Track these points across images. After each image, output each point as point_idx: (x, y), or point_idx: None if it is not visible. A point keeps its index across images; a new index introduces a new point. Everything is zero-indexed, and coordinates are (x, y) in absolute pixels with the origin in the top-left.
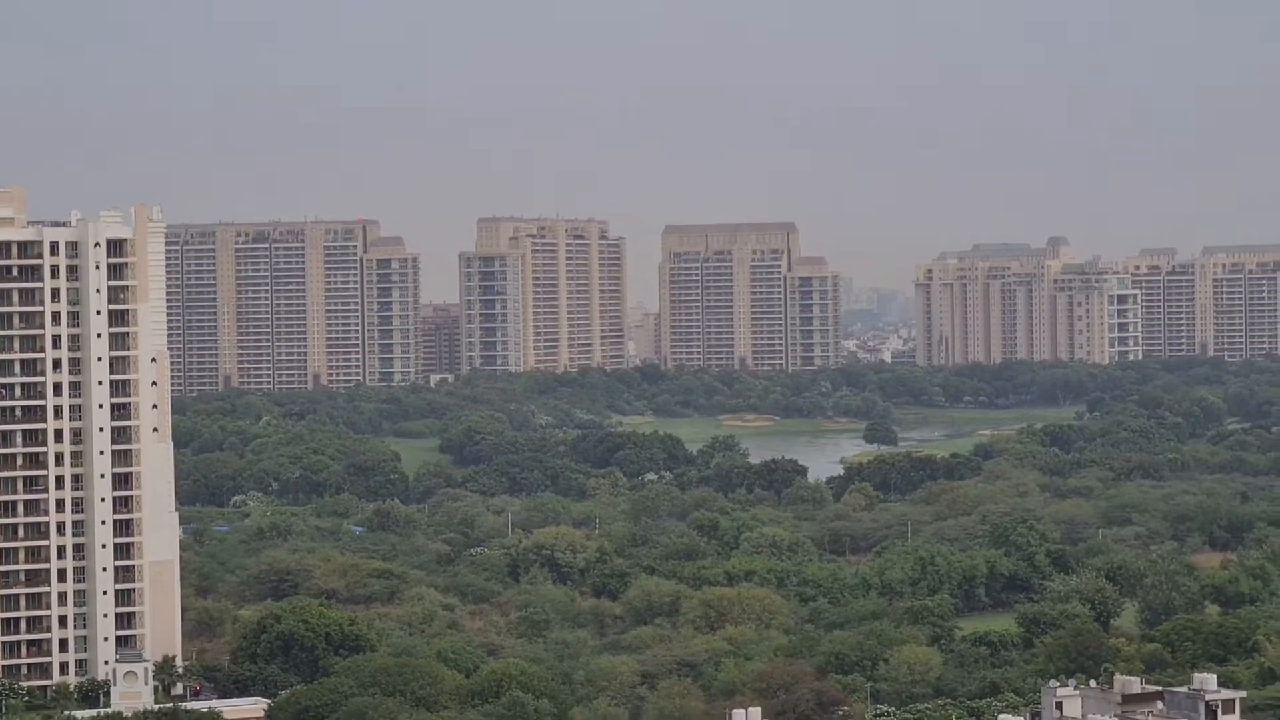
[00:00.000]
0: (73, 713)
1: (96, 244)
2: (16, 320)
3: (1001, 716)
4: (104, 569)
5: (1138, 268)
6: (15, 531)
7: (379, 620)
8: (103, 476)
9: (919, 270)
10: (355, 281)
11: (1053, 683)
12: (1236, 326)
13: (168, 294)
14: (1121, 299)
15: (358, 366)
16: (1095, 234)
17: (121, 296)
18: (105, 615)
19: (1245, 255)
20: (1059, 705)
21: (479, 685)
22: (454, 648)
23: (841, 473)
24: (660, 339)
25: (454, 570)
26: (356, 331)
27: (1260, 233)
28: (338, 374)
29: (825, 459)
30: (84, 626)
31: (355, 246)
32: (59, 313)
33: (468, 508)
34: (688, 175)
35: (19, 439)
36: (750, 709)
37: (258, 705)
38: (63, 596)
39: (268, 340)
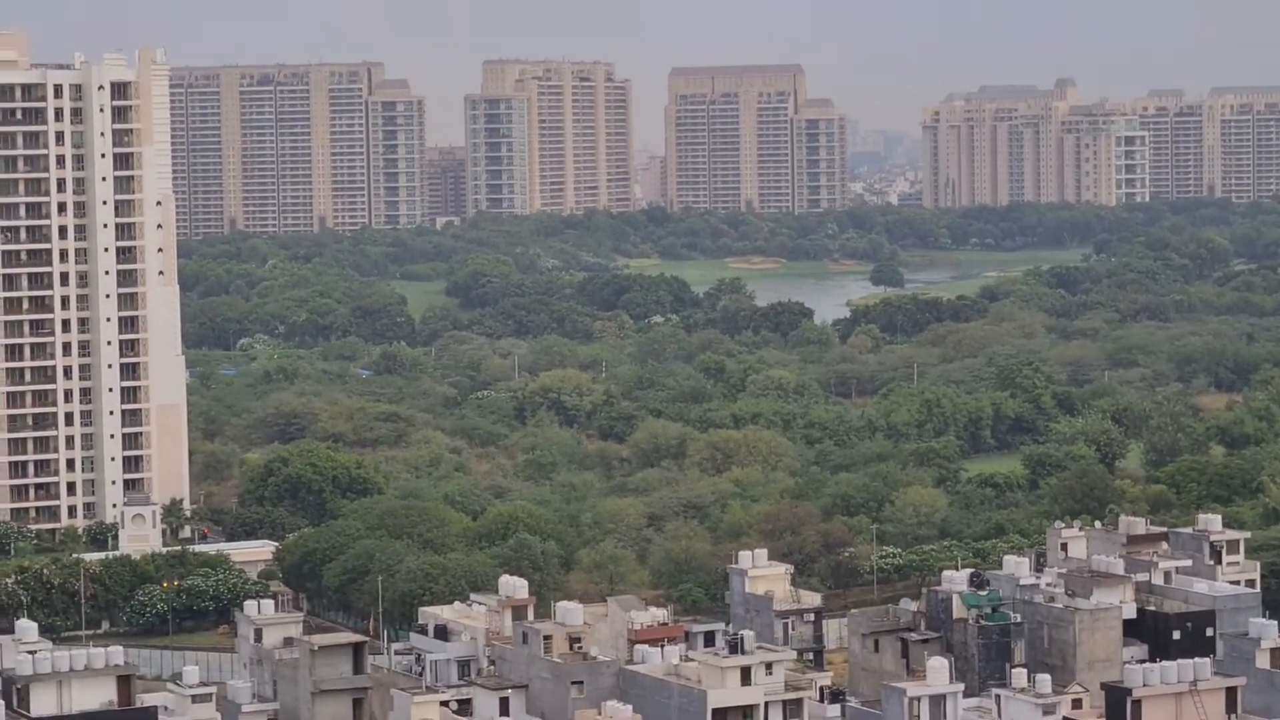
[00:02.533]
0: (81, 555)
1: (100, 87)
2: (21, 164)
3: (1006, 558)
4: (111, 413)
5: (1145, 109)
6: (22, 375)
7: (386, 463)
8: (109, 320)
9: (926, 112)
10: (360, 124)
11: (1058, 524)
12: (1244, 168)
13: (172, 137)
14: (1129, 140)
15: (363, 209)
16: (1103, 76)
17: (126, 139)
18: (113, 459)
19: (1254, 96)
20: (1064, 546)
21: (486, 528)
22: (461, 490)
23: (848, 315)
24: (666, 181)
25: (460, 413)
26: (362, 174)
27: (1269, 74)
28: (343, 217)
29: (831, 301)
30: (91, 470)
31: (360, 89)
32: (63, 156)
33: (474, 350)
34: (694, 17)
35: (24, 283)
36: (756, 551)
37: (265, 548)
38: (70, 440)
39: (273, 183)
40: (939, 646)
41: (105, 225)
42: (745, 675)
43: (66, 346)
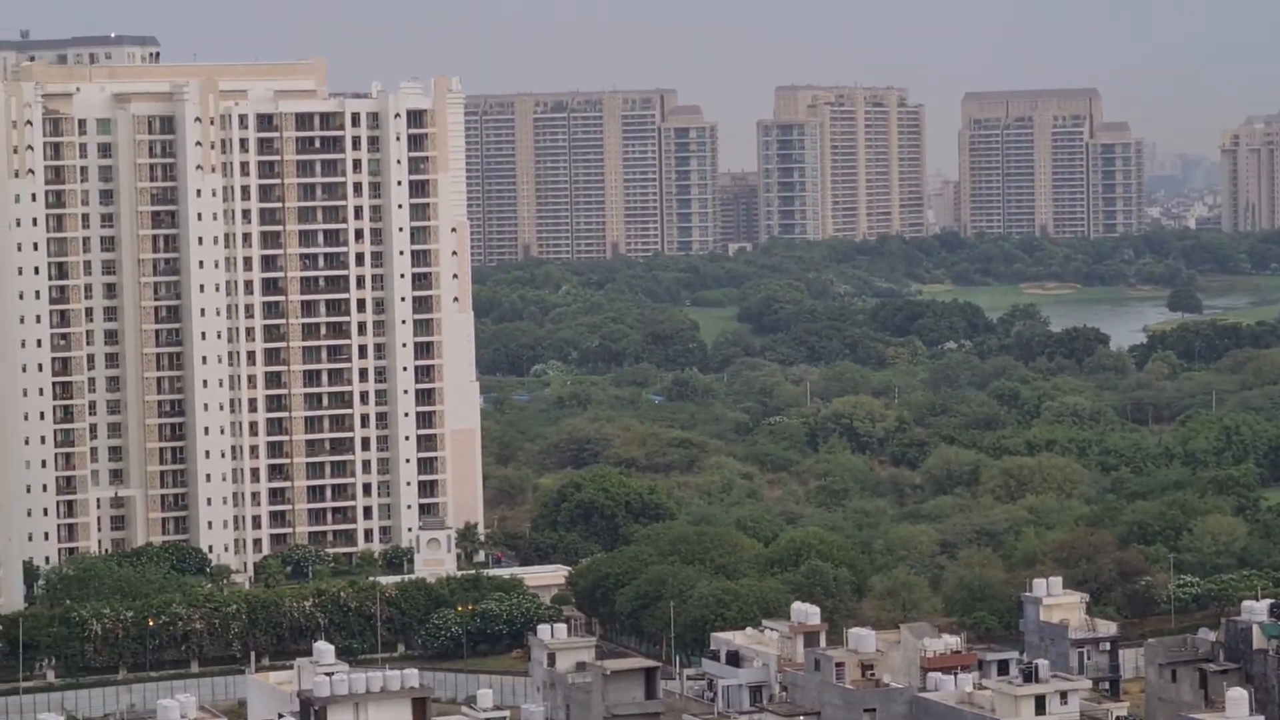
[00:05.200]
0: (377, 579)
1: (397, 115)
2: (319, 192)
3: None
4: (406, 438)
5: None
6: (320, 401)
7: (678, 489)
8: (404, 346)
9: (1225, 135)
10: (653, 150)
11: None
12: None
13: (467, 164)
14: None
15: (656, 235)
16: None
17: (421, 167)
18: (408, 483)
19: None
20: None
21: (778, 553)
22: (753, 516)
23: (1144, 341)
24: (960, 206)
25: (753, 439)
26: (655, 200)
27: None
28: (636, 243)
29: (1127, 327)
30: (387, 495)
31: (653, 116)
32: (360, 184)
33: (766, 376)
34: (988, 41)
35: (322, 309)
36: (1051, 578)
37: (558, 573)
38: (367, 465)
39: (566, 209)
40: (1238, 677)
41: (401, 252)
42: (1040, 704)
43: (363, 372)
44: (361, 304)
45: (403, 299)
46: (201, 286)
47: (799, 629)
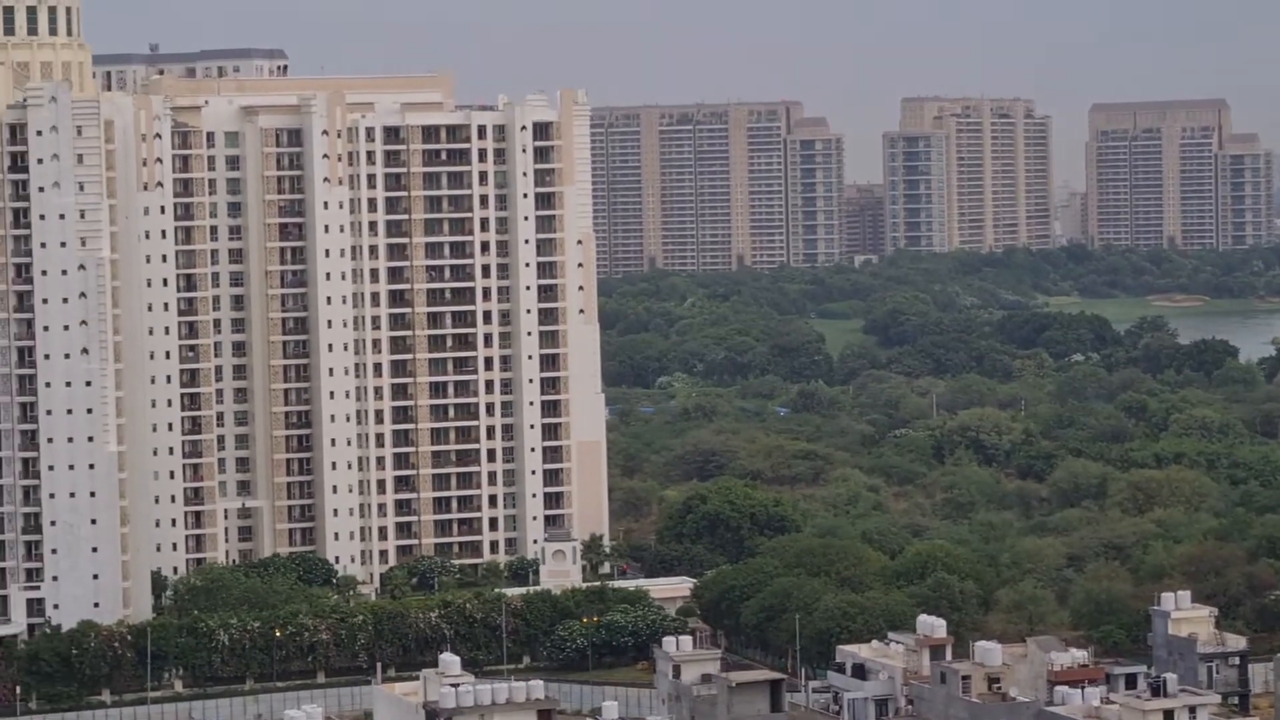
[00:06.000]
0: (503, 590)
1: (523, 127)
2: (446, 204)
3: None
4: (532, 449)
5: None
6: (446, 412)
7: (804, 501)
8: (530, 358)
9: None
10: (779, 162)
11: None
12: None
13: (593, 176)
14: None
15: (781, 247)
16: None
17: (547, 179)
18: (534, 495)
19: None
20: None
21: (904, 566)
22: (879, 528)
23: (1273, 353)
24: (1087, 218)
25: (879, 451)
26: (780, 212)
27: None
28: (761, 255)
29: (1257, 339)
30: (513, 506)
31: (779, 128)
32: (486, 196)
33: (892, 389)
34: (1115, 53)
35: (449, 321)
36: (1179, 592)
37: (684, 584)
38: (492, 476)
39: (692, 221)
40: None
41: (527, 264)
42: (1168, 719)
43: (489, 384)
44: (487, 316)
45: (528, 311)
46: (329, 298)
47: (925, 642)
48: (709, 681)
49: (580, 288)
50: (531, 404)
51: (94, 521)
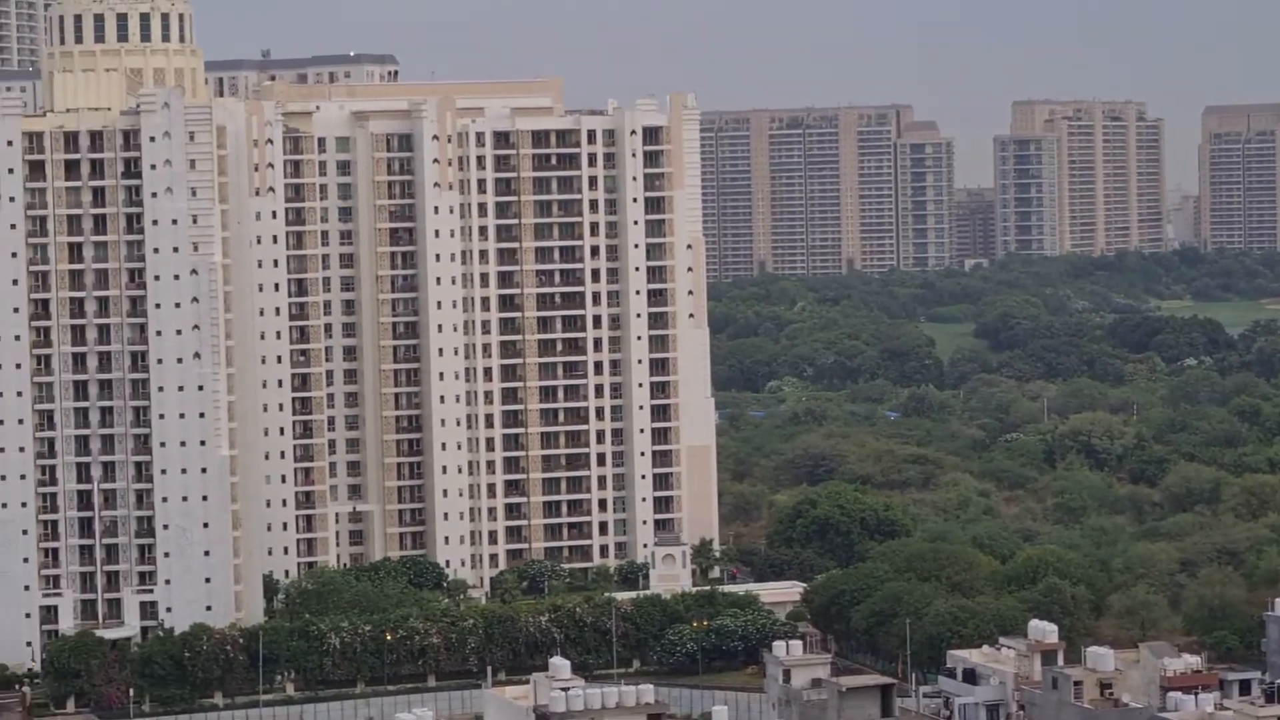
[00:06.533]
0: (612, 594)
1: (632, 132)
2: (555, 208)
3: None
4: (642, 454)
5: None
6: (556, 416)
7: (914, 505)
8: (640, 362)
9: None
10: (889, 166)
11: None
12: None
13: (702, 180)
14: None
15: (891, 251)
16: None
17: (657, 184)
18: (643, 499)
19: None
20: None
21: (1015, 571)
22: (989, 533)
23: None
24: (1200, 221)
25: (989, 456)
26: (890, 216)
27: None
28: (871, 259)
29: None
30: (623, 510)
31: (889, 131)
32: (596, 200)
33: (1003, 393)
34: (1228, 54)
35: (559, 325)
36: None
37: (794, 589)
38: (602, 480)
39: (802, 225)
40: None
41: (637, 269)
42: None
43: (599, 388)
44: (597, 320)
45: (638, 315)
46: (439, 303)
47: (1036, 647)
48: (819, 686)
49: (690, 292)
50: (641, 408)
51: (206, 525)
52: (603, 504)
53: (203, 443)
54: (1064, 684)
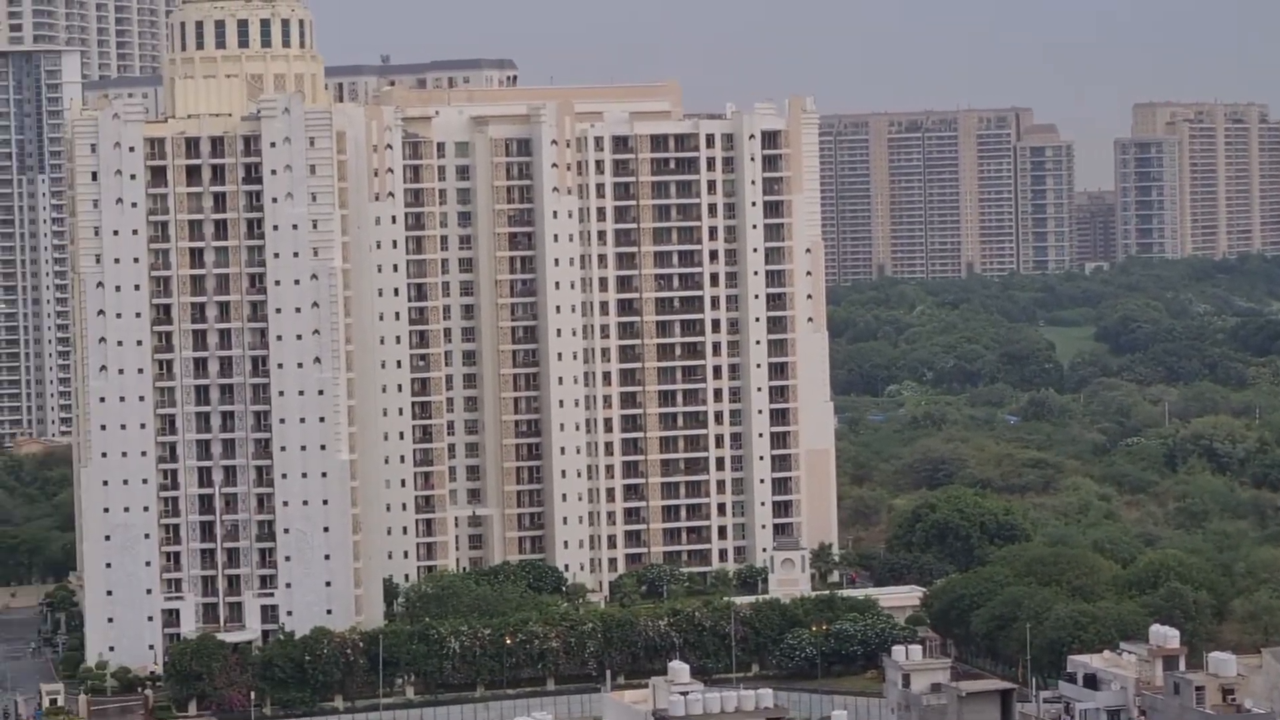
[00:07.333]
0: (731, 598)
1: (751, 136)
2: (674, 212)
3: None
4: (761, 458)
5: None
6: (675, 421)
7: (1034, 510)
8: (759, 366)
9: None
10: (1009, 169)
11: None
12: None
13: (821, 184)
14: None
15: (1011, 255)
16: None
17: (776, 188)
18: (762, 503)
19: None
20: None
21: (1136, 575)
22: (1110, 537)
23: None
24: None
25: (1110, 459)
26: (1010, 220)
27: None
28: (991, 262)
29: None
30: (742, 514)
31: (1009, 134)
32: (715, 204)
33: (1123, 397)
34: None
35: (677, 330)
36: None
37: (913, 593)
38: (721, 485)
39: (921, 229)
40: None
41: (755, 273)
42: None
43: (718, 392)
44: (716, 324)
45: (757, 319)
46: (558, 307)
47: (1158, 652)
48: (939, 691)
49: (809, 296)
50: (760, 412)
51: (326, 529)
52: (721, 508)
53: (323, 447)
54: (1186, 689)
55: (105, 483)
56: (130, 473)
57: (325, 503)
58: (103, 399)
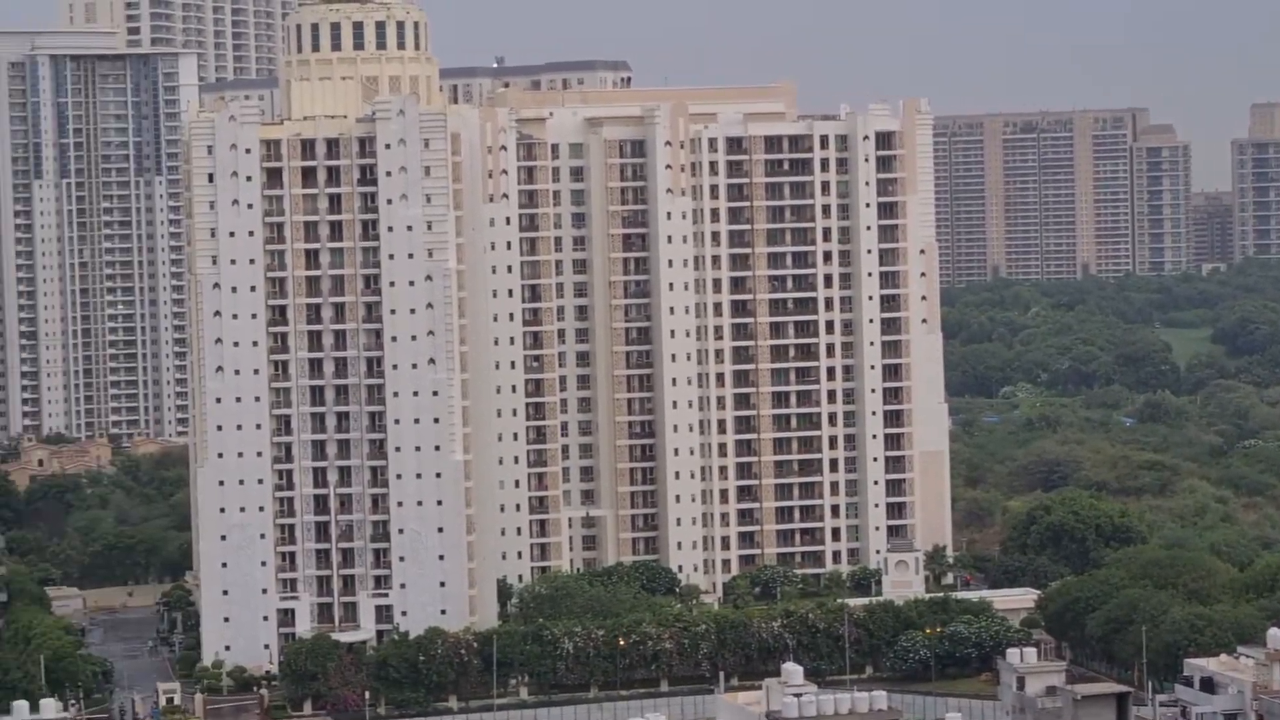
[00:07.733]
0: (845, 600)
1: (865, 137)
2: (788, 213)
3: None
4: (875, 459)
5: None
6: (788, 422)
7: (1150, 512)
8: (873, 368)
9: None
10: (1124, 170)
11: None
12: None
13: (936, 185)
14: None
15: (1127, 256)
16: None
17: (890, 189)
18: (876, 505)
19: None
20: None
21: (1254, 578)
22: (1227, 540)
23: None
24: None
25: (1227, 462)
26: (1126, 221)
27: None
28: (1106, 263)
29: None
30: (855, 516)
31: (1125, 135)
32: (829, 205)
33: (1241, 398)
34: None
35: (791, 331)
36: None
37: (1027, 596)
38: (834, 486)
39: (1036, 230)
40: None
41: (869, 274)
42: None
43: (831, 394)
44: (830, 326)
45: (871, 320)
46: (671, 309)
47: (1276, 656)
48: (1054, 694)
49: (923, 297)
50: (874, 414)
51: (441, 530)
52: (835, 509)
53: (437, 448)
54: None
55: (221, 483)
56: (246, 473)
57: (439, 503)
58: (219, 400)
